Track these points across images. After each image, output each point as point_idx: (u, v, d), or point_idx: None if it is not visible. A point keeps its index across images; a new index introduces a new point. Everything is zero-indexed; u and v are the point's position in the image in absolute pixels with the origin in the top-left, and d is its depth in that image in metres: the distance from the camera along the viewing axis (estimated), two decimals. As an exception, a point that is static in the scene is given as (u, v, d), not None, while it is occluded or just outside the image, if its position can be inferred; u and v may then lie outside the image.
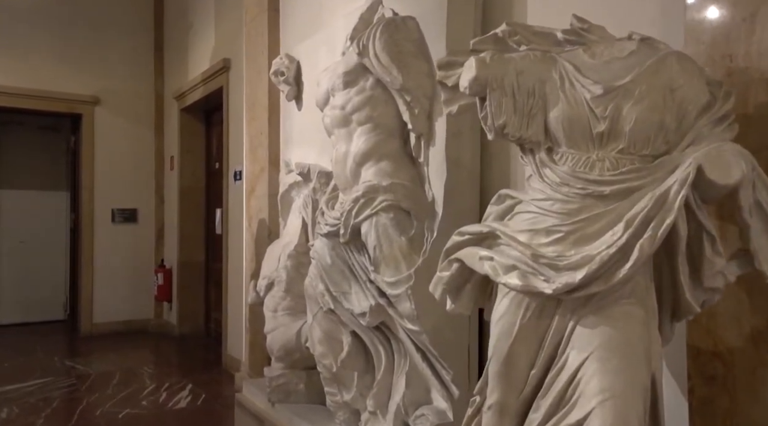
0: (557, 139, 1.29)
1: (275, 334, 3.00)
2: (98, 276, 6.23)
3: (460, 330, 2.20)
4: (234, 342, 4.64)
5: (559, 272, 1.22)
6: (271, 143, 3.90)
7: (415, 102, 2.20)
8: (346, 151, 2.35)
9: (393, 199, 2.17)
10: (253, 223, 4.09)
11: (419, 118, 2.21)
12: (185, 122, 5.99)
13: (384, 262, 2.17)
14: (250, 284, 3.25)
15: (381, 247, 2.17)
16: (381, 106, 2.29)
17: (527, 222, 1.32)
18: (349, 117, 2.34)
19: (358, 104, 2.31)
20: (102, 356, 5.22)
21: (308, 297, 2.61)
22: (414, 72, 2.21)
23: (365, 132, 2.29)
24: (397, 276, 2.14)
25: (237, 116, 4.61)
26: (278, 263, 3.12)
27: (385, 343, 2.38)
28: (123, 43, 6.34)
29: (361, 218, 2.23)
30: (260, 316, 3.99)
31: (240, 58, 4.53)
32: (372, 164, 2.27)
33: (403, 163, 2.28)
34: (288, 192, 3.25)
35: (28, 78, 5.89)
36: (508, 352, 1.34)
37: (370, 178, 2.24)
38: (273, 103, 3.90)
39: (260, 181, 4.00)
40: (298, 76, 3.33)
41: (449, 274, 1.47)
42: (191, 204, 6.06)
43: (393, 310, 2.22)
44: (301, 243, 3.11)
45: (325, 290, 2.49)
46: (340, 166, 2.37)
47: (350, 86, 2.34)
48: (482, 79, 1.31)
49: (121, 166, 6.33)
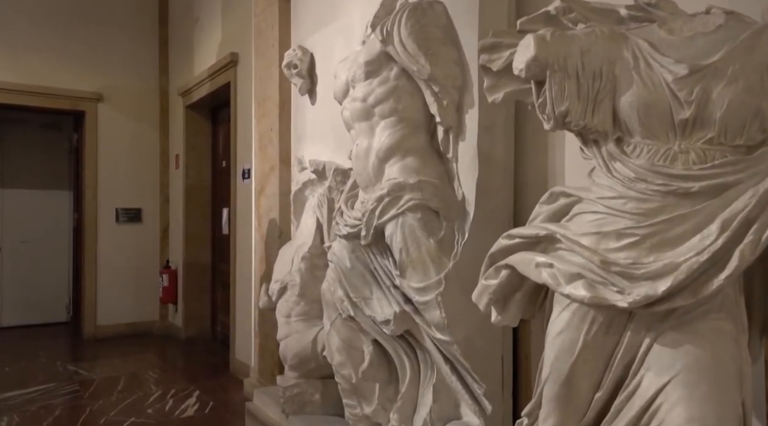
0: (629, 127, 1.13)
1: (289, 341, 2.83)
2: (102, 277, 6.08)
3: (492, 340, 2.03)
4: (242, 346, 4.48)
5: (634, 282, 1.05)
6: (282, 140, 3.73)
7: (444, 93, 2.03)
8: (367, 146, 2.18)
9: (421, 198, 2.00)
10: (263, 223, 3.93)
11: (448, 110, 2.04)
12: (191, 119, 5.83)
13: (411, 266, 2.01)
14: (262, 288, 3.09)
15: (408, 249, 2.01)
16: (406, 98, 2.13)
17: (592, 224, 1.15)
18: (371, 110, 2.17)
19: (381, 96, 2.14)
20: (106, 360, 5.06)
21: (325, 303, 2.45)
22: (442, 60, 2.04)
23: (389, 126, 2.13)
24: (425, 281, 1.98)
25: (245, 112, 4.45)
26: (291, 266, 2.96)
27: (410, 353, 2.21)
28: (127, 39, 6.19)
29: (385, 218, 2.06)
30: (270, 320, 3.84)
31: (248, 52, 4.37)
32: (397, 160, 2.11)
33: (431, 159, 2.12)
34: (301, 191, 3.09)
35: (30, 74, 5.73)
36: (569, 372, 1.17)
37: (395, 176, 2.07)
38: (284, 99, 3.73)
39: (270, 179, 3.84)
40: (312, 68, 3.17)
41: (497, 282, 1.30)
42: (197, 203, 5.90)
43: (420, 318, 2.06)
44: (315, 244, 2.95)
45: (344, 296, 2.33)
46: (361, 163, 2.20)
47: (372, 76, 2.17)
48: (542, 60, 1.14)
49: (125, 165, 6.18)
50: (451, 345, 1.96)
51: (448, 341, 1.95)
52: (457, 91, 2.05)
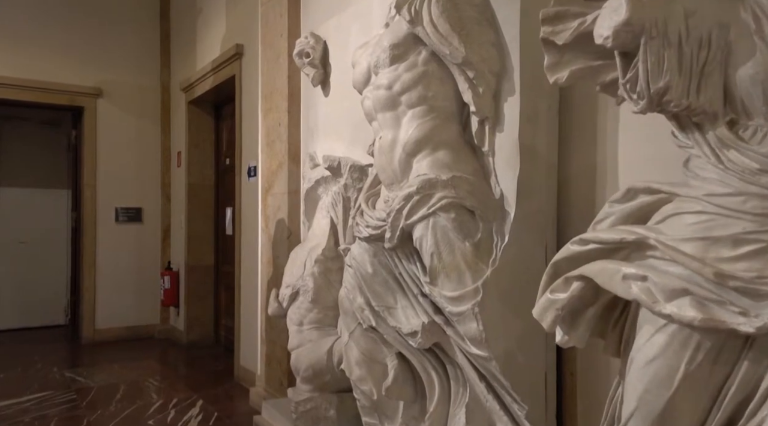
0: (748, 107, 0.91)
1: (301, 351, 2.62)
2: (101, 279, 5.86)
3: (535, 355, 1.82)
4: (247, 352, 4.27)
5: (761, 301, 0.83)
6: (291, 135, 3.52)
7: (480, 79, 1.81)
8: (393, 138, 1.96)
9: (455, 196, 1.78)
10: (271, 223, 3.71)
11: (484, 98, 1.83)
12: (193, 115, 5.62)
13: (444, 273, 1.79)
14: (271, 294, 2.88)
15: (440, 254, 1.79)
16: (436, 85, 1.91)
17: (697, 227, 0.93)
18: (397, 98, 1.95)
19: (409, 83, 1.92)
20: (105, 366, 4.85)
21: (344, 311, 2.23)
22: (478, 42, 1.83)
23: (417, 116, 1.91)
24: (460, 290, 1.76)
25: (251, 107, 4.24)
26: (303, 270, 2.74)
27: (439, 369, 1.99)
28: (127, 31, 5.97)
29: (414, 219, 1.85)
30: (278, 326, 3.62)
31: (254, 43, 4.16)
32: (426, 154, 1.89)
33: (464, 153, 1.90)
34: (313, 189, 2.87)
35: (26, 68, 5.52)
36: (665, 408, 0.95)
37: (425, 171, 1.86)
38: (293, 91, 3.52)
39: (278, 177, 3.62)
40: (325, 57, 2.96)
41: (567, 296, 1.09)
42: (200, 203, 5.68)
43: (452, 331, 1.84)
44: (329, 247, 2.74)
45: (365, 304, 2.11)
46: (385, 157, 1.99)
47: (399, 61, 1.95)
48: (636, 24, 0.92)
49: (125, 163, 5.96)
50: (489, 361, 1.74)
51: (486, 357, 1.74)
52: (494, 77, 1.83)
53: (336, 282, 2.76)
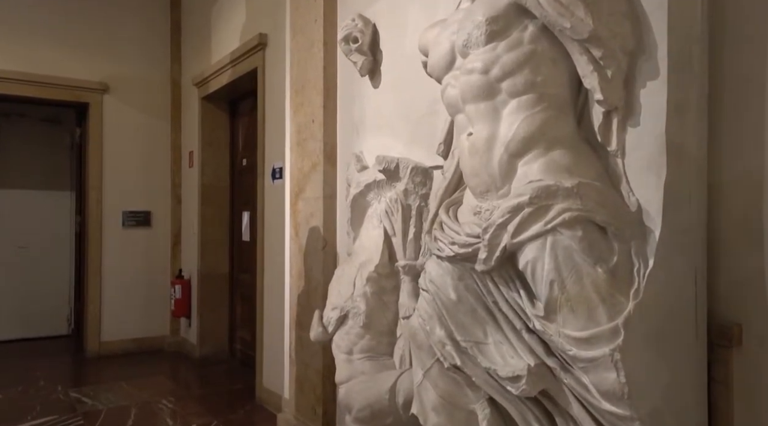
0: None
1: (354, 386, 2.23)
2: (107, 288, 5.47)
3: (686, 414, 1.42)
4: (272, 372, 3.88)
5: None
6: (327, 133, 3.14)
7: (609, 59, 1.43)
8: (490, 135, 1.58)
9: (581, 209, 1.40)
10: (301, 231, 3.32)
11: (613, 83, 1.44)
12: (207, 112, 5.23)
13: (567, 307, 1.40)
14: (315, 315, 2.48)
15: (562, 282, 1.40)
16: (547, 67, 1.53)
17: None
18: (495, 85, 1.57)
19: (512, 65, 1.54)
20: (112, 385, 4.45)
21: (417, 345, 1.85)
22: (607, 13, 1.44)
23: (524, 106, 1.53)
24: (590, 328, 1.37)
25: (276, 102, 3.85)
26: (353, 289, 2.36)
27: (545, 421, 1.61)
28: (135, 23, 5.58)
29: (524, 237, 1.46)
30: (310, 346, 3.23)
31: (281, 31, 3.77)
32: (538, 154, 1.50)
33: (584, 153, 1.51)
34: (362, 195, 2.49)
35: (27, 62, 5.13)
36: None
37: (538, 176, 1.47)
38: (329, 84, 3.14)
39: (312, 180, 3.24)
40: (374, 43, 2.57)
41: None
42: (214, 206, 5.29)
43: (571, 378, 1.46)
44: (383, 262, 2.36)
45: (446, 337, 1.72)
46: (479, 159, 1.60)
47: (498, 39, 1.57)
48: None
49: (133, 163, 5.57)
50: (630, 422, 1.35)
51: (626, 416, 1.35)
52: (626, 57, 1.45)
53: (391, 303, 2.38)
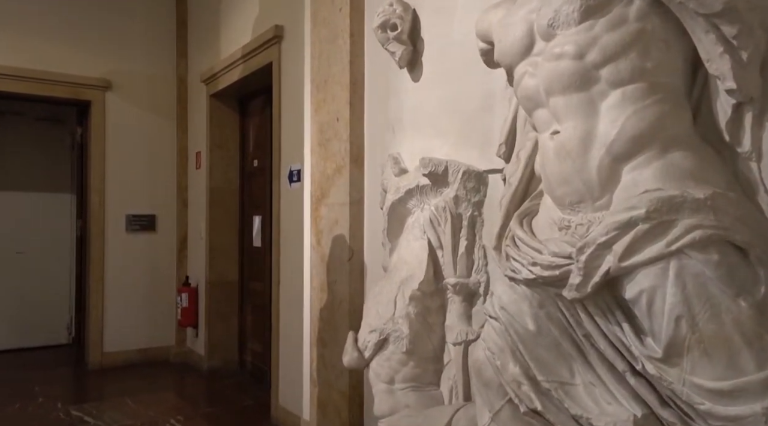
0: None
1: (398, 422, 1.94)
2: (110, 295, 5.19)
3: None
4: (289, 391, 3.60)
5: None
6: (354, 132, 2.85)
7: (745, 37, 1.15)
8: (585, 133, 1.30)
9: (716, 226, 1.12)
10: (324, 239, 3.04)
11: (749, 68, 1.17)
12: (216, 110, 4.94)
13: (699, 349, 1.12)
14: (349, 338, 2.20)
15: (694, 318, 1.12)
16: (659, 50, 1.25)
17: None
18: (592, 73, 1.29)
19: (615, 48, 1.26)
20: (116, 401, 4.17)
21: (483, 381, 1.56)
22: (741, -19, 1.16)
23: (632, 98, 1.25)
24: (733, 378, 1.09)
25: (293, 99, 3.57)
26: (394, 309, 2.08)
27: (651, 481, 1.33)
28: (139, 15, 5.30)
29: (637, 260, 1.18)
30: (334, 366, 2.95)
31: (299, 23, 3.49)
32: (651, 157, 1.22)
33: (708, 156, 1.23)
34: (402, 202, 2.20)
35: (25, 57, 4.84)
36: None
37: (655, 184, 1.19)
38: (356, 79, 2.85)
39: (335, 184, 2.95)
40: (414, 31, 2.30)
41: None
42: (222, 210, 5.01)
43: (694, 434, 1.17)
44: (428, 279, 2.08)
45: (521, 375, 1.45)
46: (570, 162, 1.32)
47: (595, 15, 1.29)
48: None
49: (137, 164, 5.29)
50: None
51: (777, 489, 1.07)
52: (766, 34, 1.17)
53: (437, 326, 2.11)
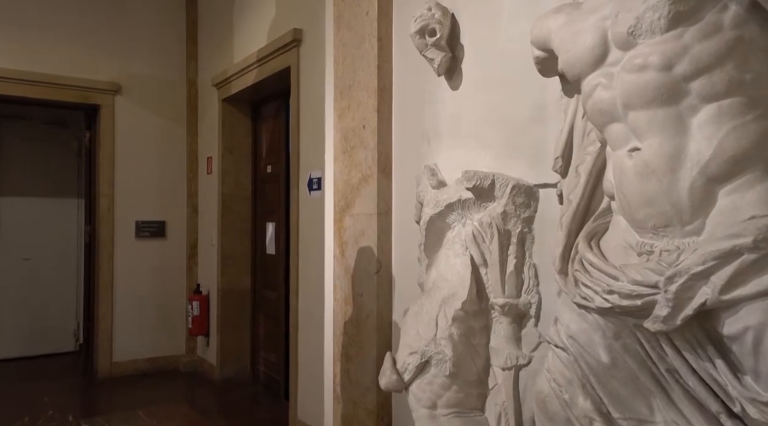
0: None
1: (444, 451, 1.84)
2: (119, 303, 5.08)
3: None
4: (308, 405, 3.49)
5: None
6: (382, 141, 2.74)
7: None
8: (674, 151, 1.19)
9: (836, 258, 1.01)
10: (349, 251, 2.93)
11: None
12: (228, 115, 4.84)
13: (816, 394, 1.01)
14: (386, 359, 2.09)
15: (810, 360, 1.01)
16: (759, 61, 1.15)
17: None
18: (681, 85, 1.18)
19: (708, 58, 1.15)
20: (128, 414, 4.06)
21: (547, 415, 1.46)
22: None
23: (729, 114, 1.14)
24: None
25: (313, 104, 3.46)
26: (435, 330, 1.97)
27: None
28: (149, 18, 5.19)
29: (742, 294, 1.07)
30: (360, 382, 2.84)
31: (319, 26, 3.38)
32: (754, 180, 1.12)
33: (815, 179, 1.12)
34: (441, 216, 2.09)
35: (31, 60, 4.73)
36: None
37: (762, 209, 1.08)
38: (384, 85, 2.74)
39: (362, 194, 2.84)
40: (453, 36, 2.19)
41: None
42: (234, 216, 4.90)
43: (801, 484, 1.07)
44: (471, 298, 1.97)
45: (593, 412, 1.35)
46: (656, 182, 1.21)
47: (685, 23, 1.18)
48: None
49: (147, 169, 5.18)
50: None
51: None
52: None
53: (481, 348, 2.00)
